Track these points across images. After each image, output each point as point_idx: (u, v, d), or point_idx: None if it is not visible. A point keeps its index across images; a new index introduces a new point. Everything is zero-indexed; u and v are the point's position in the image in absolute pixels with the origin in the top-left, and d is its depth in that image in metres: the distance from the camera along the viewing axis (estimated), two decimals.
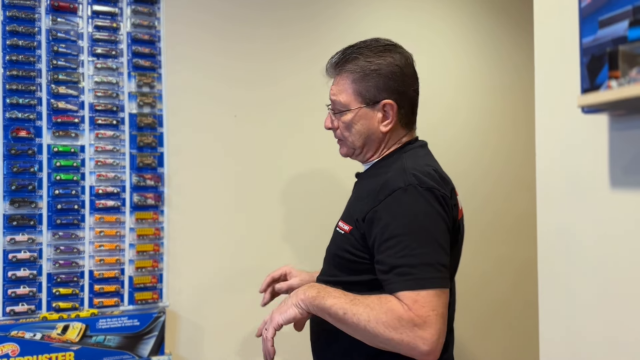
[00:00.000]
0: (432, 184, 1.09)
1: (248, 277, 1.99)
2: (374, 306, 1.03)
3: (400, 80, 1.20)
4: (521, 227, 2.41)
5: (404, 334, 0.99)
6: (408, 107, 1.23)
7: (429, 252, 1.04)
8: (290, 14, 2.09)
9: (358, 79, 1.22)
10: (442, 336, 0.99)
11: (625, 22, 0.76)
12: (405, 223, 1.06)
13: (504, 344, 2.46)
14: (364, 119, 1.22)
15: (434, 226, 1.06)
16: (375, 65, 1.20)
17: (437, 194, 1.08)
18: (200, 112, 1.94)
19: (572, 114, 0.95)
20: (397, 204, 1.07)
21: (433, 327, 0.98)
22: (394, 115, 1.20)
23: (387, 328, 1.00)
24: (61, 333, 1.66)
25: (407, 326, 0.98)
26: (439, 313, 0.99)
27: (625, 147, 0.86)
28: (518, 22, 2.48)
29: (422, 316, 0.98)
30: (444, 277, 1.03)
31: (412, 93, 1.23)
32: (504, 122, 2.47)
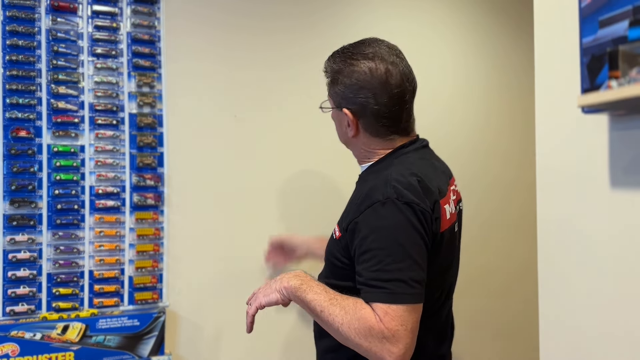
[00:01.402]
0: (411, 198, 1.08)
1: (248, 277, 1.99)
2: (349, 310, 1.06)
3: (358, 91, 1.19)
4: (521, 227, 2.41)
5: (372, 343, 1.02)
6: (372, 118, 1.19)
7: (403, 268, 1.05)
8: (290, 14, 2.09)
9: (330, 83, 1.27)
10: (410, 350, 1.02)
11: (625, 22, 0.76)
12: (381, 237, 1.07)
13: (504, 343, 2.46)
14: (337, 121, 1.28)
15: (409, 242, 1.06)
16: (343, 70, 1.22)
17: (415, 208, 1.07)
18: (200, 112, 1.94)
19: (572, 114, 0.95)
20: (375, 217, 1.08)
21: (402, 341, 1.01)
22: (352, 122, 1.21)
23: (357, 335, 1.04)
24: (61, 333, 1.66)
25: (377, 337, 1.02)
26: (408, 328, 1.01)
27: (625, 147, 0.86)
28: (518, 22, 2.48)
29: (392, 329, 1.01)
30: (416, 293, 1.04)
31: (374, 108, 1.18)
32: (503, 122, 2.47)
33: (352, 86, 1.19)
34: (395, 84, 1.18)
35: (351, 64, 1.21)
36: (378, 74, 1.18)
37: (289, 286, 1.17)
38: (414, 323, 1.03)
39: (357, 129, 1.22)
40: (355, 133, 1.23)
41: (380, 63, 1.19)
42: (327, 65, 1.28)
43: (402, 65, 1.21)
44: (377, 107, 1.18)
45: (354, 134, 1.23)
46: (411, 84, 1.22)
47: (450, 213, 1.18)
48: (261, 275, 2.01)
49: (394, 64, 1.19)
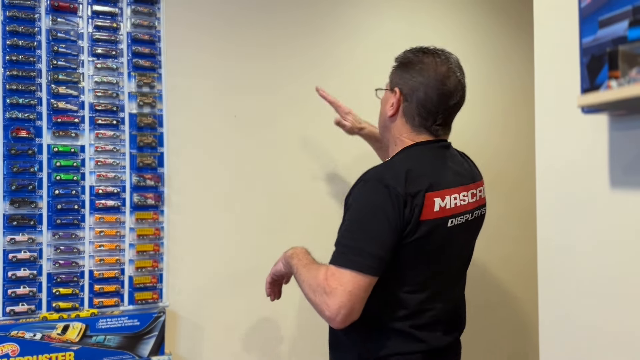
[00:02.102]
0: (390, 182, 1.20)
1: (248, 277, 1.99)
2: (311, 271, 1.25)
3: (415, 78, 1.32)
4: (521, 227, 2.41)
5: (317, 297, 1.19)
6: (414, 106, 1.33)
7: (360, 239, 1.19)
8: (291, 14, 2.09)
9: (394, 67, 1.40)
10: (345, 308, 1.15)
11: (625, 22, 0.76)
12: (354, 210, 1.23)
13: (504, 343, 2.46)
14: (384, 102, 1.41)
15: (374, 218, 1.19)
16: (407, 59, 1.37)
17: (391, 191, 1.19)
18: (200, 112, 1.94)
19: (572, 114, 0.95)
20: (357, 193, 1.25)
21: (337, 298, 1.15)
22: (397, 102, 1.34)
23: (310, 290, 1.23)
24: (61, 333, 1.66)
25: (320, 292, 1.18)
26: (346, 290, 1.15)
27: (625, 147, 0.86)
28: (518, 22, 2.48)
29: (331, 287, 1.16)
30: (365, 264, 1.16)
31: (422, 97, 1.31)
32: (503, 122, 2.47)
33: (413, 72, 1.33)
34: (448, 87, 1.32)
35: (422, 56, 1.36)
36: (439, 71, 1.32)
37: (286, 255, 1.41)
38: (354, 287, 1.15)
39: (397, 110, 1.35)
40: (394, 113, 1.36)
41: (445, 65, 1.33)
42: (402, 54, 1.42)
43: (461, 78, 1.37)
44: (424, 97, 1.31)
45: (393, 113, 1.36)
46: (461, 97, 1.36)
47: (441, 207, 1.25)
48: (261, 275, 2.01)
49: (455, 73, 1.34)
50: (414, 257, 1.24)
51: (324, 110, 2.13)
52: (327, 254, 2.11)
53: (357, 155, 2.14)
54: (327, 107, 2.13)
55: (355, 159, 2.14)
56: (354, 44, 2.18)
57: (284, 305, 2.03)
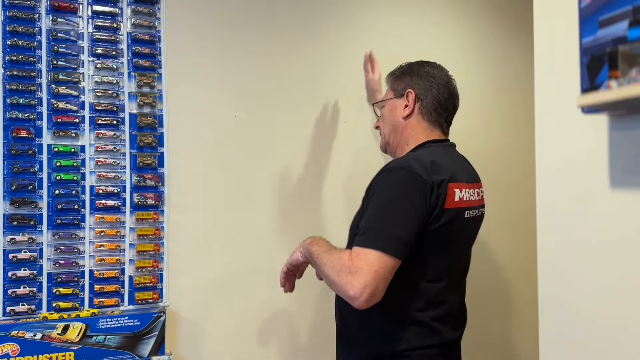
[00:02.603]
0: (415, 169, 1.25)
1: (248, 277, 1.99)
2: (334, 255, 1.27)
3: (426, 80, 1.44)
4: (521, 227, 2.41)
5: (341, 277, 1.20)
6: (430, 102, 1.43)
7: (386, 222, 1.22)
8: (292, 15, 2.09)
9: (395, 79, 1.50)
10: (370, 287, 1.16)
11: (625, 22, 0.76)
12: (380, 196, 1.26)
13: (504, 343, 2.46)
14: (392, 109, 1.47)
15: (400, 203, 1.23)
16: (411, 68, 1.48)
17: (417, 178, 1.24)
18: (200, 112, 1.94)
19: (572, 114, 0.95)
20: (383, 180, 1.29)
21: (362, 277, 1.16)
22: (412, 102, 1.43)
23: (333, 271, 1.23)
24: (61, 333, 1.66)
25: (344, 271, 1.19)
26: (372, 269, 1.16)
27: (625, 147, 0.86)
28: (518, 22, 2.48)
29: (357, 266, 1.17)
30: (389, 244, 1.19)
31: (436, 93, 1.43)
32: (503, 122, 2.47)
33: (423, 75, 1.45)
34: (453, 88, 1.47)
35: (423, 65, 1.48)
36: (443, 74, 1.47)
37: (304, 244, 1.41)
38: (380, 267, 1.17)
39: (413, 109, 1.44)
40: (410, 113, 1.44)
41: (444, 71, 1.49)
42: (397, 67, 1.52)
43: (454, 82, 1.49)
44: (438, 95, 1.43)
45: (409, 112, 1.44)
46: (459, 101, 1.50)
47: (460, 198, 1.32)
48: (261, 275, 2.01)
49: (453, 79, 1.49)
50: (437, 244, 1.29)
51: (324, 109, 2.14)
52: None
53: (357, 154, 2.14)
54: (328, 107, 2.13)
55: (356, 159, 2.14)
56: (353, 43, 2.18)
57: (284, 304, 2.03)
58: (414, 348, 1.30)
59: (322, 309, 2.06)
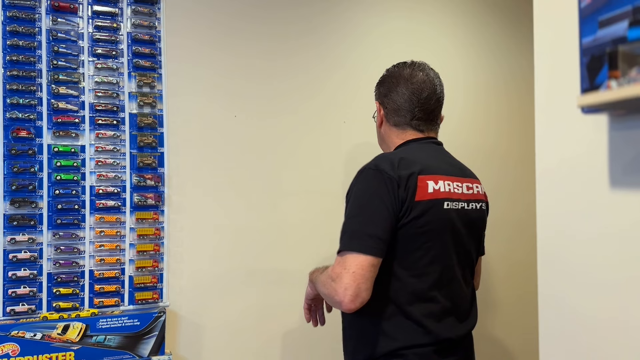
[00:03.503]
0: (383, 167, 1.29)
1: (248, 276, 1.99)
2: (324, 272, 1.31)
3: (387, 83, 1.47)
4: (521, 227, 2.41)
5: (328, 288, 1.26)
6: (390, 107, 1.46)
7: (358, 223, 1.26)
8: (293, 13, 2.09)
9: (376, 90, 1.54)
10: (350, 289, 1.20)
11: (625, 22, 0.76)
12: (352, 198, 1.31)
13: (504, 342, 2.46)
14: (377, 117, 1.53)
15: (370, 202, 1.27)
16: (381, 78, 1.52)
17: (384, 175, 1.27)
18: (200, 112, 1.94)
19: (572, 114, 0.95)
20: (354, 183, 1.33)
21: (342, 281, 1.20)
22: (379, 114, 1.49)
23: (323, 286, 1.29)
24: (61, 333, 1.66)
25: (329, 282, 1.25)
26: (349, 271, 1.20)
27: (625, 147, 0.86)
28: (517, 21, 2.48)
29: (336, 273, 1.23)
30: (365, 245, 1.22)
31: (394, 96, 1.45)
32: (503, 122, 2.47)
33: (384, 80, 1.49)
34: (417, 82, 1.44)
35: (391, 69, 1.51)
36: (404, 72, 1.46)
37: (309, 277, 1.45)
38: (358, 268, 1.20)
39: (382, 118, 1.49)
40: (380, 122, 1.49)
41: (410, 67, 1.47)
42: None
43: (431, 74, 1.47)
44: (395, 97, 1.45)
45: (379, 122, 1.50)
46: (434, 90, 1.45)
47: (435, 189, 1.32)
48: (261, 274, 2.01)
49: (422, 70, 1.46)
50: (413, 237, 1.29)
51: (324, 110, 2.13)
52: (328, 252, 2.11)
53: (357, 154, 2.14)
54: (328, 107, 2.13)
55: (356, 159, 2.14)
56: (353, 43, 2.19)
57: (284, 304, 2.03)
58: (408, 347, 1.29)
59: None
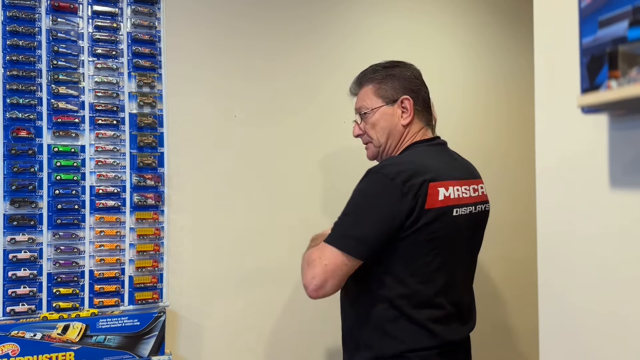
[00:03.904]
0: (389, 172, 1.27)
1: (248, 276, 1.99)
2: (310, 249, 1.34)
3: (412, 82, 1.45)
4: (521, 227, 2.41)
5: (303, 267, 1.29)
6: (422, 105, 1.45)
7: (349, 222, 1.27)
8: (293, 13, 2.09)
9: (378, 84, 1.46)
10: (317, 279, 1.23)
11: (625, 22, 0.76)
12: (352, 198, 1.32)
13: (504, 342, 2.46)
14: (386, 116, 1.44)
15: (365, 205, 1.28)
16: (391, 72, 1.45)
17: (389, 181, 1.26)
18: (200, 112, 1.94)
19: (572, 114, 0.95)
20: (359, 183, 1.33)
21: (312, 269, 1.24)
22: (411, 109, 1.42)
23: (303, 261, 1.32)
24: (61, 333, 1.66)
25: (305, 263, 1.29)
26: (323, 263, 1.24)
27: (625, 147, 0.86)
28: (517, 21, 2.48)
29: (312, 258, 1.26)
30: (346, 245, 1.24)
31: (423, 94, 1.46)
32: (503, 122, 2.47)
33: (405, 78, 1.45)
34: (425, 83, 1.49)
35: (398, 65, 1.47)
36: (417, 72, 1.49)
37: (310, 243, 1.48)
38: (333, 264, 1.23)
39: (413, 115, 1.43)
40: (412, 119, 1.43)
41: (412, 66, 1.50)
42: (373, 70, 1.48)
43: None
44: (425, 95, 1.47)
45: (409, 122, 1.43)
46: None
47: (445, 196, 1.31)
48: (261, 274, 2.01)
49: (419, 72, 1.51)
50: (423, 245, 1.29)
51: (324, 110, 2.13)
52: None
53: (357, 154, 2.14)
54: (328, 107, 2.13)
55: (356, 159, 2.13)
56: (354, 43, 2.19)
57: (285, 304, 2.03)
58: (412, 350, 1.29)
59: (323, 308, 2.05)
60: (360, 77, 1.51)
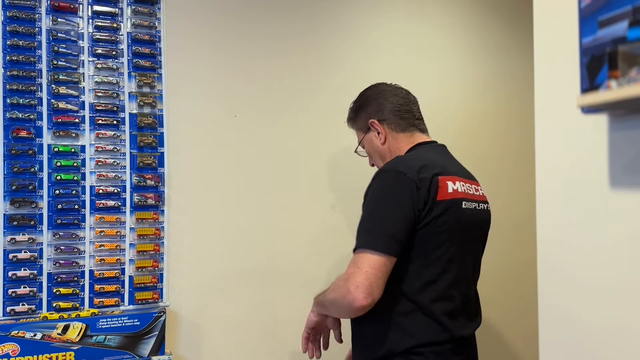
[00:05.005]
0: (402, 169, 1.30)
1: (248, 277, 1.99)
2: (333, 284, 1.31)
3: (375, 101, 1.51)
4: (521, 227, 2.41)
5: (338, 290, 1.25)
6: (391, 116, 1.49)
7: (374, 222, 1.27)
8: (292, 14, 2.09)
9: (353, 121, 1.58)
10: (362, 287, 1.20)
11: (625, 22, 0.76)
12: (370, 200, 1.32)
13: (504, 342, 2.46)
14: (370, 143, 1.54)
15: (386, 202, 1.29)
16: (358, 104, 1.56)
17: (403, 177, 1.28)
18: (200, 112, 1.94)
19: (572, 114, 0.95)
20: (373, 184, 1.34)
21: (354, 280, 1.21)
22: (380, 127, 1.49)
23: (332, 292, 1.29)
24: (61, 333, 1.66)
25: (341, 285, 1.24)
26: (362, 270, 1.21)
27: (625, 147, 0.86)
28: (517, 21, 2.48)
29: (348, 273, 1.23)
30: (377, 241, 1.23)
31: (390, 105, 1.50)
32: (503, 122, 2.47)
33: (368, 102, 1.53)
34: (395, 88, 1.54)
35: (365, 94, 1.57)
36: (381, 87, 1.55)
37: (313, 302, 1.44)
38: (370, 267, 1.21)
39: (385, 132, 1.49)
40: (385, 138, 1.49)
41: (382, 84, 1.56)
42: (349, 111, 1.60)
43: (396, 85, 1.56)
44: (392, 104, 1.49)
45: (384, 139, 1.49)
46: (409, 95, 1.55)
47: (454, 189, 1.36)
48: (261, 274, 2.01)
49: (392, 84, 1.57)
50: (434, 236, 1.31)
51: (324, 110, 2.13)
52: (327, 252, 2.11)
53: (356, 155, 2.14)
54: (328, 107, 2.13)
55: (356, 159, 2.13)
56: (354, 43, 2.19)
57: (284, 304, 2.03)
58: (426, 344, 1.30)
59: None
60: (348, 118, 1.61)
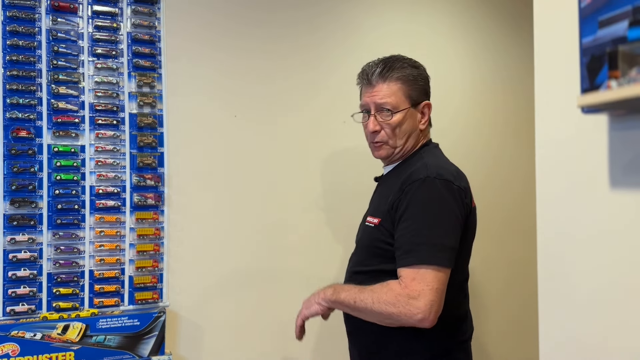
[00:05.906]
0: (447, 177, 1.27)
1: (248, 276, 1.99)
2: (376, 290, 1.23)
3: (428, 85, 1.46)
4: (521, 227, 2.41)
5: (401, 307, 1.18)
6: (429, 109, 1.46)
7: (434, 235, 1.21)
8: (292, 14, 2.09)
9: (407, 84, 1.39)
10: (435, 307, 1.17)
11: (625, 22, 0.76)
12: (419, 208, 1.24)
13: (504, 342, 2.46)
14: (410, 119, 1.40)
15: (443, 212, 1.24)
16: (418, 72, 1.42)
17: (451, 186, 1.26)
18: (200, 112, 1.94)
19: (571, 114, 0.95)
20: (416, 192, 1.26)
21: (426, 298, 1.16)
22: (429, 114, 1.44)
23: (387, 305, 1.20)
24: (61, 333, 1.66)
25: (402, 301, 1.18)
26: (432, 288, 1.17)
27: (625, 147, 0.86)
28: (517, 21, 2.48)
29: (417, 290, 1.17)
30: (444, 257, 1.20)
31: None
32: (503, 122, 2.47)
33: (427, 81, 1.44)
34: None
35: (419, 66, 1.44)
36: None
37: (325, 296, 1.35)
38: (439, 283, 1.18)
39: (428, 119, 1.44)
40: (426, 125, 1.44)
41: None
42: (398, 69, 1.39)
43: None
44: None
45: (425, 126, 1.44)
46: None
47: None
48: (261, 274, 2.01)
49: None
50: (465, 241, 1.34)
51: (324, 110, 2.13)
52: (327, 252, 2.11)
53: (358, 155, 2.14)
54: (328, 107, 2.13)
55: (356, 159, 2.14)
56: (354, 43, 2.19)
57: (284, 304, 2.03)
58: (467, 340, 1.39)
59: None
60: (386, 68, 1.38)
